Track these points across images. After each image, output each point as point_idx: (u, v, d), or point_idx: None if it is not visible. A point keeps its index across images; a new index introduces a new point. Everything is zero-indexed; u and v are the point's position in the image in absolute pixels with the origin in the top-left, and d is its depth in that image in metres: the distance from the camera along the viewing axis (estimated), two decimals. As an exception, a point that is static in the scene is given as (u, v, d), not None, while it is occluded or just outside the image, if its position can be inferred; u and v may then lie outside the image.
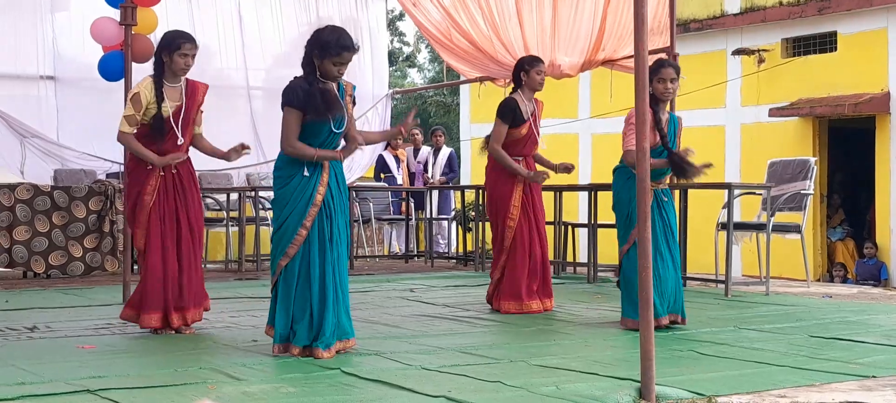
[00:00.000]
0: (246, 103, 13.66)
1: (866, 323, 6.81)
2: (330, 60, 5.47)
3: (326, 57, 5.47)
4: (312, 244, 5.47)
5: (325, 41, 5.48)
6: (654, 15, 10.26)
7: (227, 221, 11.63)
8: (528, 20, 10.87)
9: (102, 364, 5.21)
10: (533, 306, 7.45)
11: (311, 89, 5.45)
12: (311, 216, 5.47)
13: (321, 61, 5.48)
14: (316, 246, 5.47)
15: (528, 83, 7.49)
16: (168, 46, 6.39)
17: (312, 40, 5.53)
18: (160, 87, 6.38)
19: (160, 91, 6.38)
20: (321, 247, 5.47)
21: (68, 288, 9.22)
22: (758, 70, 17.02)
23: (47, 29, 12.40)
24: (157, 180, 6.42)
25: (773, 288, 8.97)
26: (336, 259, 5.50)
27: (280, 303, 5.53)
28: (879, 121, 15.64)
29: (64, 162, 12.10)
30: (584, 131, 19.27)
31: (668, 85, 6.46)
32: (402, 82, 33.89)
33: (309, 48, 5.53)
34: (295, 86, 5.51)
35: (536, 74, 7.47)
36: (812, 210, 15.06)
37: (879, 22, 15.62)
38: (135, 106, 6.38)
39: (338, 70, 5.51)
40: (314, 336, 5.43)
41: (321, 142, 5.55)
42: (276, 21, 13.74)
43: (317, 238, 5.48)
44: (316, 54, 5.49)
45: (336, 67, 5.49)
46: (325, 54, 5.47)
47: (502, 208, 7.50)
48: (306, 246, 5.47)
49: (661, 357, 4.79)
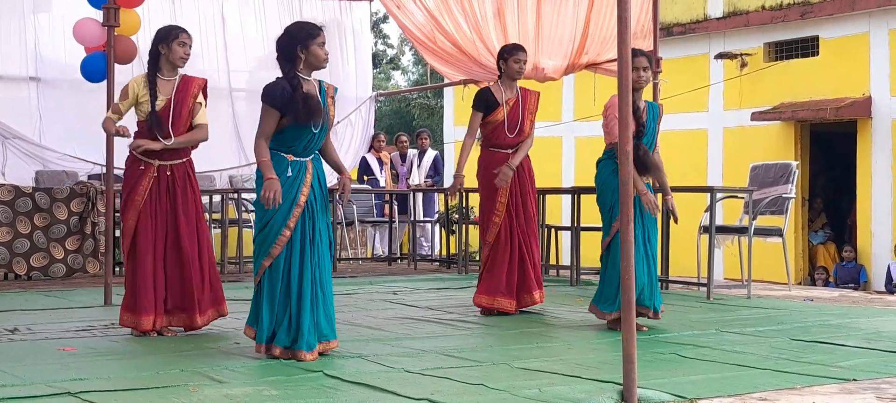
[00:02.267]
0: (228, 105, 13.63)
1: (847, 327, 6.84)
2: (315, 44, 5.46)
3: (311, 41, 5.46)
4: (294, 244, 5.46)
5: (302, 29, 5.51)
6: (638, 18, 10.29)
7: (209, 223, 11.59)
8: (511, 23, 10.88)
9: (84, 366, 5.19)
10: (505, 304, 7.41)
11: (294, 94, 5.42)
12: (295, 216, 5.46)
13: (308, 49, 5.46)
14: (297, 247, 5.46)
15: (507, 71, 7.53)
16: (165, 37, 6.42)
17: (289, 36, 5.52)
18: (154, 83, 6.36)
19: (154, 87, 6.35)
20: (302, 248, 5.46)
21: (50, 290, 9.18)
22: (740, 74, 17.08)
23: (29, 30, 12.34)
24: (150, 181, 6.39)
25: (754, 292, 9.00)
26: (318, 260, 5.49)
27: (265, 303, 5.51)
28: (861, 125, 15.73)
29: (46, 163, 12.05)
30: (568, 134, 19.30)
31: (640, 73, 6.48)
32: (386, 84, 33.87)
33: (289, 43, 5.50)
34: (277, 85, 5.48)
35: (514, 63, 7.49)
36: (794, 213, 15.13)
37: (861, 27, 15.70)
38: (121, 97, 6.44)
39: (324, 52, 5.50)
40: (293, 337, 5.42)
41: (304, 145, 5.53)
42: (259, 23, 13.71)
43: (299, 238, 5.47)
44: (300, 46, 5.47)
45: (322, 49, 5.49)
46: (309, 40, 5.46)
47: (488, 205, 7.49)
48: (289, 246, 5.46)
49: (643, 359, 4.80)
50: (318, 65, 5.53)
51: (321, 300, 5.50)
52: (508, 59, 7.54)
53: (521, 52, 7.58)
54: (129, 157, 6.46)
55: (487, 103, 7.49)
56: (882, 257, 15.47)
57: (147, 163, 6.39)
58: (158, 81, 6.41)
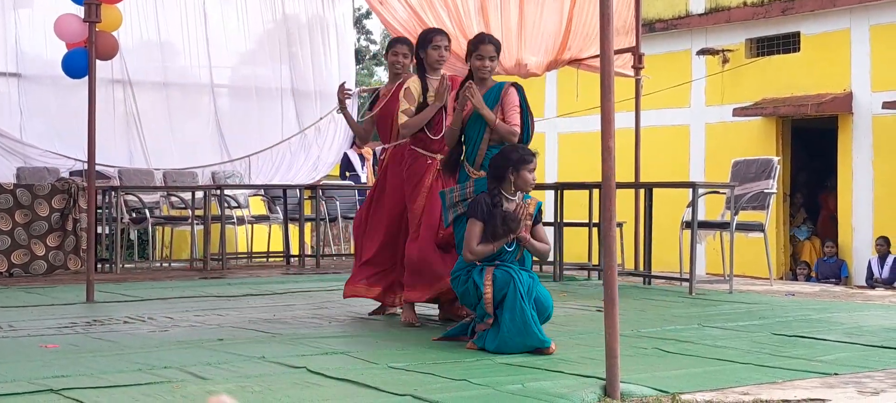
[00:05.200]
0: (210, 101, 13.60)
1: (828, 321, 6.88)
2: (526, 169, 5.63)
3: (523, 166, 5.62)
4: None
5: (516, 152, 5.70)
6: (620, 14, 10.32)
7: (191, 219, 11.57)
8: (494, 19, 10.88)
9: (66, 363, 5.17)
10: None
11: (494, 210, 5.61)
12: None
13: (519, 173, 5.62)
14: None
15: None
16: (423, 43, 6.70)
17: (504, 157, 5.68)
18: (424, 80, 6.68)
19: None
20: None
21: (31, 287, 9.14)
22: (722, 70, 17.15)
23: (10, 25, 12.29)
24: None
25: (736, 286, 9.03)
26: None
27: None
28: (842, 121, 15.81)
29: (27, 159, 12.00)
30: (551, 130, 19.34)
31: (485, 62, 6.13)
32: (369, 80, 33.83)
33: (502, 163, 5.66)
34: (480, 200, 5.68)
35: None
36: (775, 209, 15.22)
37: (842, 23, 15.79)
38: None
39: (533, 177, 5.68)
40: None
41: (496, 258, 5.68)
42: (241, 19, 13.69)
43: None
44: (513, 169, 5.63)
45: (531, 174, 5.66)
46: (521, 165, 5.62)
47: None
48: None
49: (625, 354, 4.82)
50: (525, 189, 5.71)
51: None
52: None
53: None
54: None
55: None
56: (863, 252, 15.57)
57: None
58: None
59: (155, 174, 12.58)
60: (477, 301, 5.58)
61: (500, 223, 5.60)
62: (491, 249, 5.62)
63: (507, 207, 5.67)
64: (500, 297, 5.53)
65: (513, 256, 5.72)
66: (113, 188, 11.15)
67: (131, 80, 12.82)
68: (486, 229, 5.63)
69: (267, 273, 10.85)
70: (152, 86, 13.16)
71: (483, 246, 5.63)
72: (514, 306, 5.46)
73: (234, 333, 6.27)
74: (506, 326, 5.46)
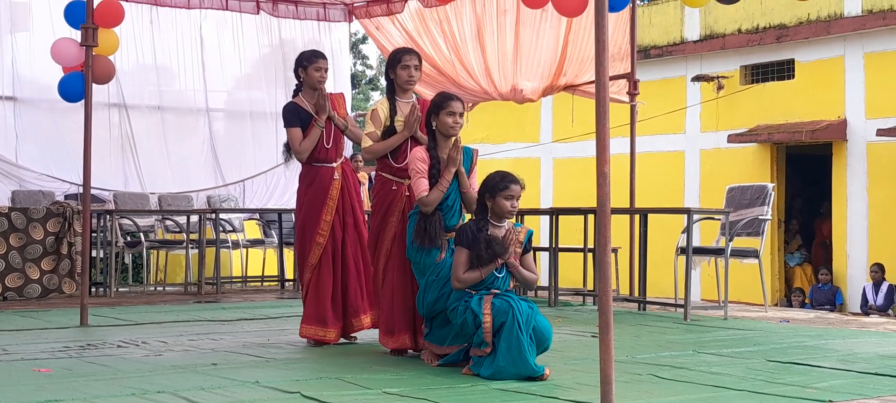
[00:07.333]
0: (206, 125, 13.60)
1: (823, 348, 6.87)
2: (502, 196, 5.66)
3: (498, 193, 5.67)
4: None
5: (493, 180, 5.72)
6: (615, 41, 10.36)
7: (186, 243, 11.56)
8: (490, 44, 10.94)
9: (59, 387, 5.15)
10: (329, 334, 6.89)
11: (479, 236, 5.66)
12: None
13: (494, 200, 5.68)
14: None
15: (307, 80, 6.98)
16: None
17: (485, 186, 5.72)
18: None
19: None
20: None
21: (25, 311, 9.12)
22: (717, 96, 17.20)
23: (7, 49, 12.29)
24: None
25: (731, 313, 9.03)
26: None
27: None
28: (836, 147, 15.85)
29: (22, 183, 11.98)
30: (546, 155, 19.37)
31: (457, 119, 6.05)
32: (365, 105, 33.89)
33: (482, 191, 5.75)
34: (466, 228, 5.75)
35: (314, 71, 6.91)
36: (770, 235, 15.22)
37: (836, 50, 15.85)
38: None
39: (510, 204, 5.68)
40: None
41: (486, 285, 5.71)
42: (237, 43, 13.69)
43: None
44: (488, 196, 5.70)
45: (509, 201, 5.68)
46: (496, 192, 5.68)
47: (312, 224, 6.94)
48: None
49: (620, 380, 4.81)
50: (503, 217, 5.74)
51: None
52: (308, 67, 6.95)
53: (318, 59, 6.98)
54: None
55: (300, 118, 6.95)
56: (857, 279, 15.57)
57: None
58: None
59: (150, 198, 12.56)
60: (475, 330, 5.57)
61: (484, 248, 5.60)
62: (478, 276, 5.63)
63: (494, 233, 5.68)
64: (498, 325, 5.52)
65: (504, 283, 5.72)
66: (108, 212, 11.14)
67: (127, 104, 12.82)
68: (472, 256, 5.64)
69: (261, 297, 10.84)
70: (148, 110, 13.15)
71: (469, 273, 5.64)
72: (510, 335, 5.45)
73: (228, 357, 6.26)
74: (502, 355, 5.45)
